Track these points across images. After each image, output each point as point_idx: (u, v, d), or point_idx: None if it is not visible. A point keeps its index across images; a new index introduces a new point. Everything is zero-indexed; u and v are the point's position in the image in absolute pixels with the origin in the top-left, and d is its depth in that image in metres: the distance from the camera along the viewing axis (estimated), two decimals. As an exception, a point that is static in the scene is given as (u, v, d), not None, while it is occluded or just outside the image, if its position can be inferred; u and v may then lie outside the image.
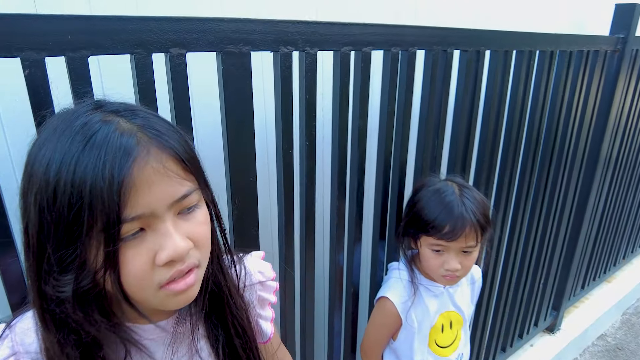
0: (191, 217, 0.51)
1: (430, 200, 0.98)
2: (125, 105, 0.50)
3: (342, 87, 0.95)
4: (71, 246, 0.44)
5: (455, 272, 0.99)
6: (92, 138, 0.44)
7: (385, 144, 1.09)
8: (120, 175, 0.43)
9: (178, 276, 0.49)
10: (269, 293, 0.72)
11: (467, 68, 1.20)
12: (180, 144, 0.50)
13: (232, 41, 0.76)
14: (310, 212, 1.01)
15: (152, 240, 0.47)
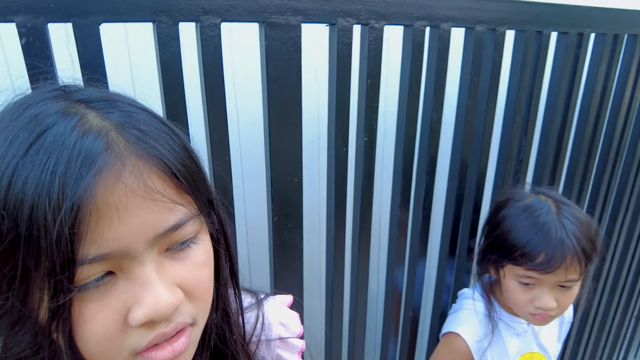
0: (185, 255, 0.36)
1: (519, 220, 0.77)
2: (102, 93, 0.36)
3: (413, 71, 0.76)
4: (0, 296, 0.30)
5: (548, 312, 0.77)
6: (42, 137, 0.30)
7: (463, 144, 0.89)
8: (76, 194, 0.29)
9: (161, 340, 0.34)
10: (292, 353, 0.54)
11: (566, 54, 0.97)
12: (174, 151, 0.35)
13: (278, 9, 0.61)
14: (366, 221, 0.84)
15: (124, 289, 0.32)
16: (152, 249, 0.33)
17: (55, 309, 0.30)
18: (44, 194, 0.28)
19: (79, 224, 0.29)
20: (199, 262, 0.36)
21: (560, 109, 1.02)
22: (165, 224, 0.33)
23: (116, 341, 0.32)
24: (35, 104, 0.32)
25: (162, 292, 0.32)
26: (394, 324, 1.00)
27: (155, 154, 0.33)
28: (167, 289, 0.33)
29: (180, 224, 0.34)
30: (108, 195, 0.30)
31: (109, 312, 0.32)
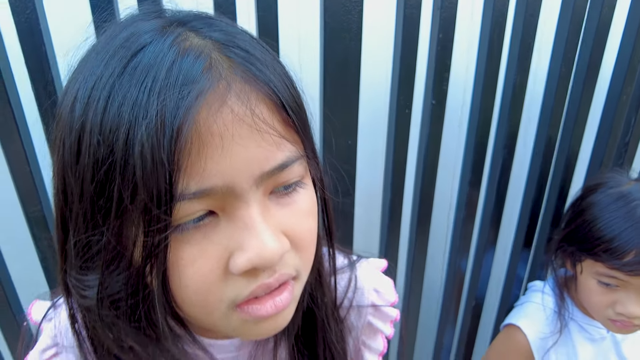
0: (291, 201, 0.32)
1: (609, 210, 0.65)
2: (199, 13, 0.32)
3: (495, 27, 0.67)
4: (96, 230, 0.29)
5: (632, 320, 0.66)
6: (138, 55, 0.27)
7: (552, 116, 0.77)
8: (176, 117, 0.25)
9: (263, 292, 0.31)
10: (384, 322, 0.50)
11: None
12: (283, 82, 0.31)
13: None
14: (428, 198, 0.78)
15: (226, 232, 0.29)
16: (258, 189, 0.29)
17: (150, 248, 0.27)
18: (141, 116, 0.25)
19: (178, 151, 0.26)
20: (304, 210, 0.33)
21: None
22: (272, 161, 0.29)
23: (215, 291, 0.30)
24: (129, 25, 0.29)
25: (268, 237, 0.29)
26: (453, 311, 0.93)
27: (264, 79, 0.29)
28: (273, 235, 0.29)
29: (287, 164, 0.30)
30: (212, 121, 0.26)
31: (209, 257, 0.29)
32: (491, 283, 0.94)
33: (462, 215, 0.82)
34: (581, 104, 0.78)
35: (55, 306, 0.41)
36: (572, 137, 0.80)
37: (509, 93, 0.74)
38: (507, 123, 0.76)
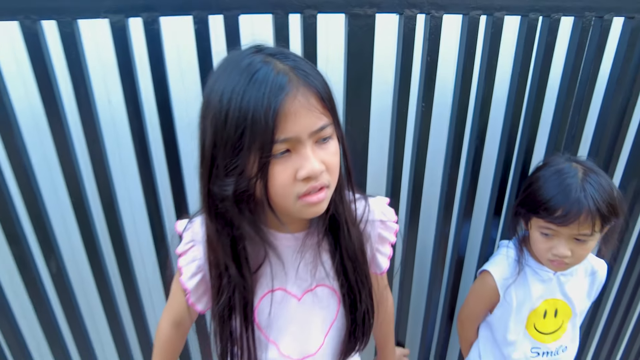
0: (325, 146, 0.60)
1: (548, 181, 0.93)
2: (278, 49, 0.61)
3: (468, 53, 0.94)
4: (235, 158, 0.57)
5: (563, 259, 0.93)
6: (255, 75, 0.55)
7: (513, 117, 1.04)
8: (276, 105, 0.54)
9: (312, 191, 0.59)
10: (389, 232, 0.78)
11: (631, 38, 1.05)
12: (322, 85, 0.60)
13: (359, 3, 0.83)
14: (419, 176, 1.04)
15: (295, 160, 0.58)
16: (309, 140, 0.58)
17: (261, 166, 0.56)
18: (259, 105, 0.53)
19: (275, 120, 0.54)
20: (332, 151, 0.61)
21: (623, 89, 1.10)
22: (316, 125, 0.58)
23: (289, 188, 0.58)
24: (246, 56, 0.58)
25: (314, 162, 0.57)
26: (441, 267, 1.19)
27: (314, 85, 0.58)
28: (317, 161, 0.58)
29: (324, 127, 0.58)
30: (290, 106, 0.55)
31: (287, 171, 0.58)
32: (470, 243, 1.20)
33: (446, 190, 1.09)
34: (536, 105, 1.04)
35: (190, 221, 0.72)
36: (531, 128, 1.07)
37: (480, 97, 1.00)
38: (478, 119, 1.02)
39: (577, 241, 0.91)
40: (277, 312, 0.73)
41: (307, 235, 0.71)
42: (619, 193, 0.91)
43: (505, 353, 1.09)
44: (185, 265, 0.71)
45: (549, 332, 1.07)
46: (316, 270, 0.72)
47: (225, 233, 0.64)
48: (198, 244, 0.70)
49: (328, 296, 0.75)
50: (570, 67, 1.03)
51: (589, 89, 1.07)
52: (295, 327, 0.75)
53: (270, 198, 0.60)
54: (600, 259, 1.08)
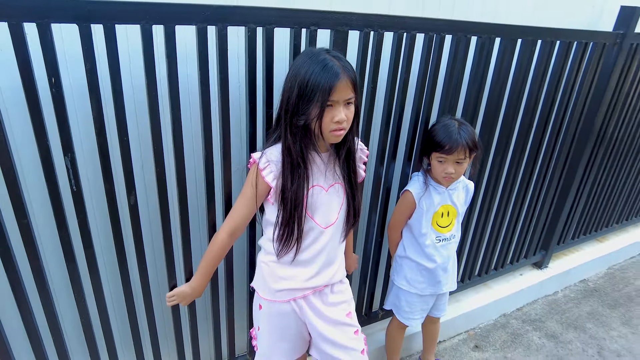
0: (349, 108, 1.18)
1: (440, 130, 1.62)
2: (335, 52, 1.18)
3: (396, 54, 1.58)
4: (307, 105, 1.14)
5: (451, 175, 1.63)
6: (326, 65, 1.12)
7: (418, 100, 1.71)
8: (333, 83, 1.11)
9: (338, 128, 1.18)
10: (364, 155, 1.43)
11: (452, 52, 1.79)
12: (354, 75, 1.16)
13: (338, 24, 1.41)
14: (369, 128, 1.66)
15: (334, 111, 1.15)
16: (342, 103, 1.16)
17: (319, 111, 1.14)
18: (326, 81, 1.11)
19: (331, 90, 1.11)
20: (351, 111, 1.19)
21: (476, 86, 1.85)
22: (348, 96, 1.16)
23: (328, 125, 1.17)
24: (320, 54, 1.15)
25: (342, 113, 1.16)
26: (377, 196, 1.83)
27: (351, 75, 1.15)
28: (343, 114, 1.16)
29: (351, 98, 1.17)
30: (339, 84, 1.12)
31: (329, 116, 1.16)
32: (394, 179, 1.87)
33: (381, 147, 1.73)
34: (431, 94, 1.74)
35: (263, 153, 1.25)
36: (428, 105, 1.75)
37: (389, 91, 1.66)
38: (400, 100, 1.68)
39: (457, 164, 1.62)
40: (316, 198, 1.30)
41: (329, 155, 1.31)
42: (477, 136, 1.64)
43: (420, 242, 1.78)
44: (267, 175, 1.24)
45: (445, 226, 1.78)
46: (334, 174, 1.32)
47: (297, 145, 1.21)
48: (272, 163, 1.24)
49: (340, 189, 1.35)
50: (450, 71, 1.74)
51: (458, 84, 1.79)
52: (324, 207, 1.33)
53: (321, 129, 1.18)
54: (469, 180, 1.83)
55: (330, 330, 1.40)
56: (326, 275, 1.39)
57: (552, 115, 2.27)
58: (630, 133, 2.82)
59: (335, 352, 1.40)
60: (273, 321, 1.42)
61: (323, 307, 1.40)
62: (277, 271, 1.37)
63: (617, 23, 2.31)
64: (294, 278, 1.36)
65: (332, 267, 1.40)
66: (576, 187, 2.68)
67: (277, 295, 1.38)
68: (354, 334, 1.44)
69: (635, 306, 2.86)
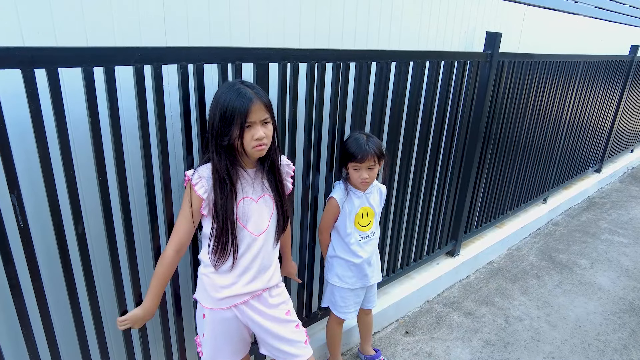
0: (266, 127, 1.37)
1: (352, 143, 1.91)
2: (248, 82, 1.38)
3: (310, 84, 1.83)
4: (229, 127, 1.33)
5: (366, 180, 1.91)
6: (240, 93, 1.32)
7: (333, 118, 1.99)
8: (248, 106, 1.31)
9: (259, 144, 1.36)
10: (290, 170, 1.61)
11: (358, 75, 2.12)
12: (266, 99, 1.36)
13: (259, 58, 1.63)
14: (294, 146, 1.89)
15: (253, 130, 1.34)
16: (259, 122, 1.35)
17: (240, 132, 1.33)
18: (241, 106, 1.31)
19: (247, 112, 1.32)
20: (269, 129, 1.39)
21: (379, 106, 2.17)
22: (263, 117, 1.36)
23: (249, 143, 1.36)
24: (235, 84, 1.36)
25: (260, 131, 1.35)
26: (306, 204, 2.06)
27: (263, 100, 1.35)
28: (262, 131, 1.35)
29: (266, 118, 1.37)
30: (252, 107, 1.32)
31: (249, 135, 1.35)
32: (320, 189, 2.12)
33: (305, 161, 1.97)
34: (343, 113, 2.02)
35: (196, 169, 1.44)
36: (341, 123, 2.03)
37: (313, 109, 1.92)
38: (318, 119, 1.93)
39: (370, 170, 1.90)
40: (247, 209, 1.48)
41: (256, 170, 1.50)
42: (384, 145, 1.95)
43: (346, 241, 2.03)
44: (199, 189, 1.40)
45: (365, 225, 2.05)
46: (262, 187, 1.51)
47: (223, 162, 1.38)
48: (203, 179, 1.41)
49: (269, 199, 1.54)
50: (356, 94, 2.04)
51: (363, 107, 2.10)
52: (255, 216, 1.50)
53: (244, 148, 1.37)
54: (382, 184, 2.13)
55: (275, 326, 1.58)
56: (263, 280, 1.55)
57: (446, 122, 2.68)
58: (508, 133, 3.36)
59: (282, 345, 1.59)
60: (217, 328, 1.57)
61: (265, 309, 1.58)
62: (216, 281, 1.51)
63: (485, 45, 2.80)
64: (233, 285, 1.51)
65: (267, 272, 1.57)
66: (473, 181, 3.13)
67: (219, 303, 1.52)
68: (296, 328, 1.63)
69: (530, 278, 3.38)
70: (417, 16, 2.48)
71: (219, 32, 1.68)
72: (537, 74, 3.37)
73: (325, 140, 2.04)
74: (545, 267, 3.54)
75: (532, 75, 3.32)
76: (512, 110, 3.28)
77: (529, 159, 3.79)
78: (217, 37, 1.67)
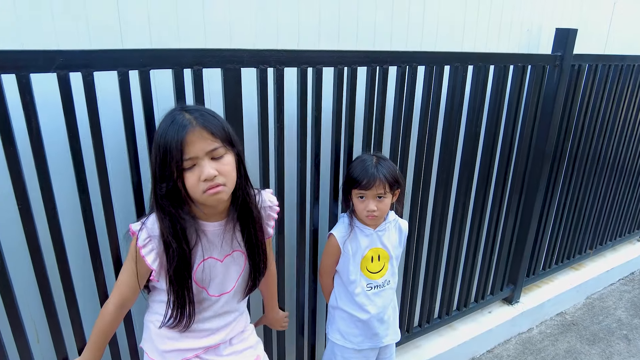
0: (220, 160, 1.02)
1: (356, 166, 1.50)
2: (192, 106, 1.08)
3: (302, 91, 1.47)
4: (165, 169, 0.99)
5: (373, 213, 1.48)
6: (174, 121, 1.00)
7: (336, 132, 1.59)
8: (180, 137, 0.97)
9: (210, 188, 1.01)
10: (273, 213, 1.28)
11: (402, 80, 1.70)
12: (214, 125, 1.01)
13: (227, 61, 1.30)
14: (281, 173, 1.52)
15: (198, 169, 1.00)
16: (206, 157, 0.99)
17: (177, 174, 0.99)
18: (172, 137, 0.97)
19: (182, 146, 0.97)
20: (225, 163, 1.02)
21: (402, 116, 1.75)
22: (209, 147, 0.99)
23: (196, 187, 1.00)
24: (173, 111, 1.04)
25: (209, 169, 0.99)
26: (302, 236, 1.68)
27: (208, 125, 1.00)
28: (211, 169, 0.99)
29: (215, 148, 1.00)
30: (189, 137, 0.97)
31: (194, 177, 0.99)
32: (322, 219, 1.72)
33: (300, 188, 1.59)
34: (350, 128, 1.62)
35: (143, 222, 1.08)
36: (349, 140, 1.63)
37: (313, 122, 1.54)
38: (314, 134, 1.56)
39: (379, 199, 1.48)
40: (207, 272, 1.16)
41: (226, 223, 1.16)
42: (398, 171, 1.52)
43: (350, 290, 1.61)
44: (147, 254, 1.08)
45: (376, 272, 1.62)
46: (232, 242, 1.18)
47: (168, 219, 1.04)
48: (154, 238, 1.08)
49: (239, 256, 1.21)
50: (367, 104, 1.63)
51: (380, 118, 1.68)
52: (220, 278, 1.19)
53: (190, 194, 1.03)
54: (401, 218, 1.68)
55: None
56: (221, 334, 1.26)
57: (499, 140, 2.16)
58: (589, 153, 2.71)
59: None
60: None
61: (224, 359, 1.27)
62: (164, 332, 1.22)
63: (554, 46, 2.25)
64: (184, 339, 1.22)
65: (228, 327, 1.28)
66: (539, 211, 2.53)
67: (166, 356, 1.24)
68: None
69: (617, 340, 2.65)
70: (460, 4, 2.01)
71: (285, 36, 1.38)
72: (631, 80, 2.70)
73: (326, 162, 1.65)
74: (638, 327, 2.79)
75: (624, 83, 2.66)
76: (594, 126, 2.64)
77: (619, 185, 3.07)
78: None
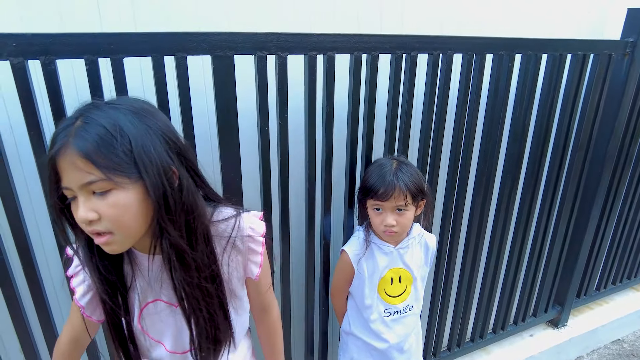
0: (104, 198, 0.68)
1: (373, 172, 1.25)
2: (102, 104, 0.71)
3: (310, 83, 1.24)
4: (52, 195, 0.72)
5: (391, 228, 1.24)
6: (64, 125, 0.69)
7: (352, 132, 1.35)
8: (53, 155, 0.67)
9: (93, 234, 0.71)
10: (257, 245, 0.89)
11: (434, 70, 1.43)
12: (97, 148, 0.65)
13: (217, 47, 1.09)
14: (285, 178, 1.29)
15: (77, 204, 0.69)
16: (83, 190, 0.67)
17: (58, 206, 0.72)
18: (48, 155, 0.67)
19: (54, 166, 0.67)
20: (110, 203, 0.68)
21: (434, 111, 1.48)
22: (85, 179, 0.66)
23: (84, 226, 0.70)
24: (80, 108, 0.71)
25: (82, 211, 0.67)
26: (313, 250, 1.45)
27: (81, 149, 0.65)
28: (85, 210, 0.67)
29: (92, 182, 0.66)
30: (62, 162, 0.66)
31: (76, 214, 0.69)
32: (335, 232, 1.49)
33: (307, 187, 1.35)
34: (369, 120, 1.37)
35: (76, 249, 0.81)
36: (367, 138, 1.39)
37: (324, 117, 1.31)
38: (325, 134, 1.32)
39: (399, 211, 1.23)
40: (156, 319, 0.89)
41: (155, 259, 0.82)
42: (423, 178, 1.26)
43: (365, 316, 1.38)
44: (77, 286, 0.87)
45: (396, 295, 1.38)
46: (160, 287, 0.85)
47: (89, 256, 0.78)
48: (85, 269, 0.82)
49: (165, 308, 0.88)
50: (392, 96, 1.38)
51: (408, 110, 1.42)
52: (173, 329, 0.90)
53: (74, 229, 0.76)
54: (429, 232, 1.42)
55: None
56: None
57: (550, 141, 1.84)
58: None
59: None
60: None
61: None
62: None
63: (624, 30, 1.89)
64: None
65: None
66: (595, 223, 2.19)
67: None
68: None
69: (685, 376, 2.27)
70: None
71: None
72: None
73: (341, 166, 1.41)
74: None
75: None
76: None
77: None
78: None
